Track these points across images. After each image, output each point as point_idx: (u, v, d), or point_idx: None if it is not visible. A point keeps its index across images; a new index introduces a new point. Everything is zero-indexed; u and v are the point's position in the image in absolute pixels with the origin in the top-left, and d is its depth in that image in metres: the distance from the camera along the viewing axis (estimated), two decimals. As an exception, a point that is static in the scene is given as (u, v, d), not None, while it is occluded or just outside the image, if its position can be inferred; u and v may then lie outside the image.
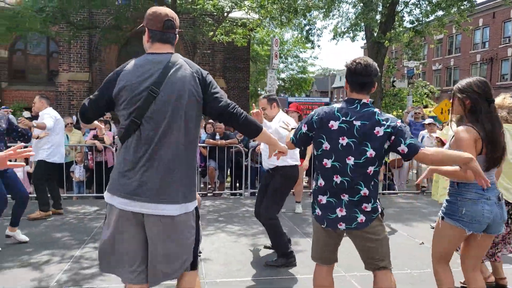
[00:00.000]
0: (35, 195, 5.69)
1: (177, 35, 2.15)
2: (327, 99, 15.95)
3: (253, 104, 4.23)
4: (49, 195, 5.59)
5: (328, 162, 2.27)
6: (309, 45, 16.50)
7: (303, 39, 16.23)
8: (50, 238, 4.62)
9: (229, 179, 8.35)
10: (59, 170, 6.78)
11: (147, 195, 1.94)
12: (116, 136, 9.01)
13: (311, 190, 8.08)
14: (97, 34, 13.03)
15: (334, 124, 2.25)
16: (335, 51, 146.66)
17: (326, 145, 2.27)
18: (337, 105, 2.30)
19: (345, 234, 2.40)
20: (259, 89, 26.32)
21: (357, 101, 2.25)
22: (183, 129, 1.98)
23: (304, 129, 2.37)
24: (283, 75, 28.31)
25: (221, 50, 15.33)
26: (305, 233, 4.96)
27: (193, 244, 2.12)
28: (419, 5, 13.27)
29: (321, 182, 2.31)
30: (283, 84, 28.26)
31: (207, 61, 14.77)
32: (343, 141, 2.23)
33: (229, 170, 7.93)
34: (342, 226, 2.29)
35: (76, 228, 5.03)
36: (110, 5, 10.08)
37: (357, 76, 2.24)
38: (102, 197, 6.87)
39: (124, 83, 1.97)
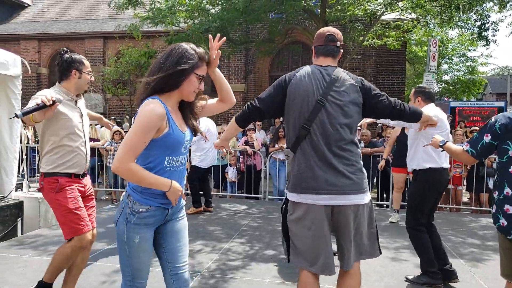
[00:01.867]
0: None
1: (341, 49, 2.34)
2: (501, 103, 13.58)
3: None
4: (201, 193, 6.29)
5: None
6: (482, 42, 14.43)
7: (474, 36, 14.28)
8: (205, 230, 5.23)
9: (375, 189, 8.00)
10: (215, 172, 7.61)
11: (335, 189, 2.16)
12: (266, 141, 9.50)
13: (472, 207, 7.11)
14: (252, 48, 14.08)
15: None
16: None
17: None
18: None
19: None
20: (418, 93, 24.29)
21: None
22: (348, 131, 2.22)
23: (487, 138, 2.24)
24: (446, 77, 25.63)
25: (373, 55, 14.76)
26: (458, 253, 4.43)
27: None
28: None
29: (508, 190, 2.16)
30: (446, 86, 25.56)
31: (357, 66, 14.41)
32: None
33: (375, 179, 7.60)
34: None
35: (226, 224, 5.57)
36: (264, 19, 10.80)
37: None
38: (251, 198, 7.53)
39: (295, 91, 2.21)
